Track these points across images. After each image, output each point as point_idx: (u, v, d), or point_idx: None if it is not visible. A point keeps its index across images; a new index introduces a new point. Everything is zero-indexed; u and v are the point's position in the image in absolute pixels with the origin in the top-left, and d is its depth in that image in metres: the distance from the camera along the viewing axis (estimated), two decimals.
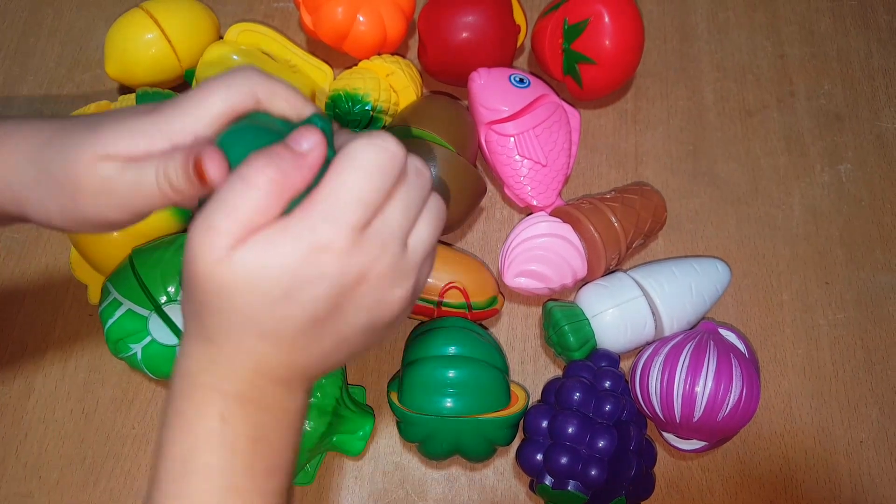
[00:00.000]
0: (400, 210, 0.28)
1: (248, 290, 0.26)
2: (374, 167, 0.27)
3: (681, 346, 0.51)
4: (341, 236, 0.26)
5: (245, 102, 0.28)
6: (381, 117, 0.57)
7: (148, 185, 0.28)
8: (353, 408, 0.52)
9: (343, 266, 0.26)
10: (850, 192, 0.63)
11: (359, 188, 0.26)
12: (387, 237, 0.27)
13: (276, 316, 0.27)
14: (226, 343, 0.27)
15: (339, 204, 0.26)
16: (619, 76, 0.60)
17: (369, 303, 0.28)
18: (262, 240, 0.26)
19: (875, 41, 0.69)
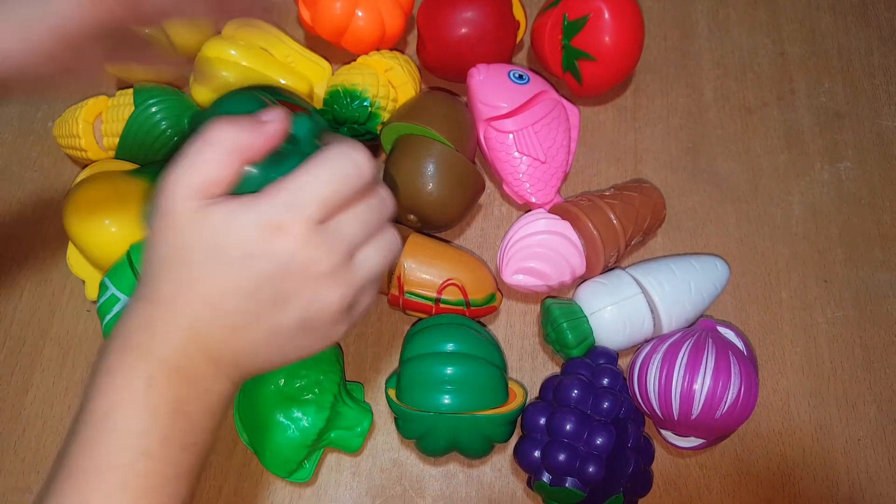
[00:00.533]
0: (354, 222, 0.30)
1: (208, 248, 0.28)
2: (341, 172, 0.29)
3: (679, 343, 0.51)
4: (298, 224, 0.29)
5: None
6: (380, 113, 0.57)
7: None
8: (352, 404, 0.52)
9: (293, 252, 0.29)
10: (849, 191, 0.63)
11: (323, 186, 0.29)
12: (336, 241, 0.30)
13: (222, 282, 0.29)
14: (171, 304, 0.29)
15: (302, 194, 0.29)
16: (619, 73, 0.60)
17: (306, 298, 0.30)
18: (232, 206, 0.28)
19: (876, 39, 0.69)
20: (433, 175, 0.54)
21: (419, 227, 0.57)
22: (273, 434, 0.49)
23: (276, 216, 0.28)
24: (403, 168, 0.54)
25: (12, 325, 0.57)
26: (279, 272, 0.29)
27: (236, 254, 0.29)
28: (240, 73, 0.58)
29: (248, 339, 0.30)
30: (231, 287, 0.29)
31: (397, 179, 0.55)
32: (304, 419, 0.49)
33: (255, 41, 0.60)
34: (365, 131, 0.57)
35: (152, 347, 0.29)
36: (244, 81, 0.58)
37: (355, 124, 0.57)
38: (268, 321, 0.30)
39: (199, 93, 0.59)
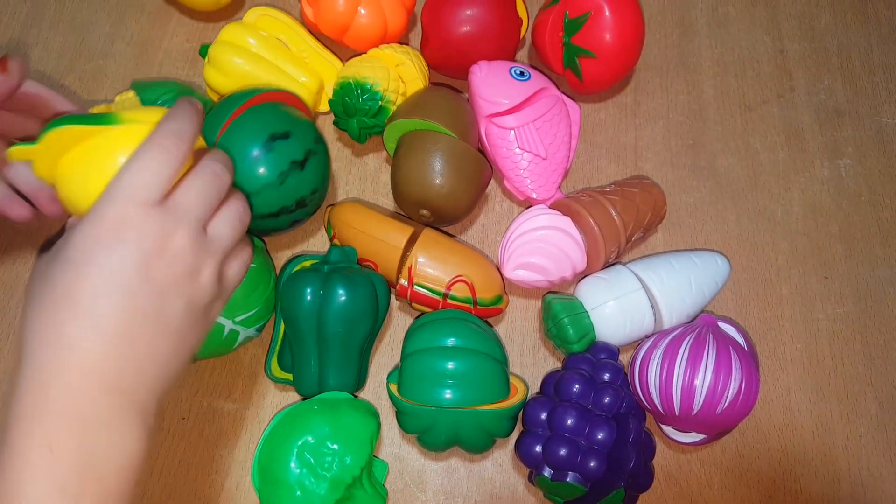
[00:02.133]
0: (191, 195, 0.31)
1: (63, 262, 0.29)
2: (156, 157, 0.30)
3: (680, 338, 0.51)
4: (131, 210, 0.29)
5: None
6: (389, 107, 0.57)
7: None
8: (368, 488, 0.50)
9: (139, 234, 0.29)
10: (849, 188, 0.63)
11: (137, 170, 0.30)
12: (180, 214, 0.30)
13: (88, 289, 0.28)
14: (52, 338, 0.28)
15: (124, 185, 0.30)
16: (619, 70, 0.60)
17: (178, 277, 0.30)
18: (77, 222, 0.30)
19: (875, 36, 0.69)
20: (442, 167, 0.54)
21: (432, 221, 0.57)
22: (281, 490, 0.47)
23: (108, 212, 0.29)
24: (412, 164, 0.54)
25: (15, 319, 0.57)
26: (138, 257, 0.29)
27: (85, 256, 0.28)
28: (253, 62, 0.59)
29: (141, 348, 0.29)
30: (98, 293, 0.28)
31: (407, 176, 0.55)
32: (315, 491, 0.47)
33: (274, 32, 0.61)
34: (374, 125, 0.57)
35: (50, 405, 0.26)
36: (256, 69, 0.58)
37: (364, 117, 0.57)
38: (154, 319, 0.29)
39: (211, 76, 0.59)
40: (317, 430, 0.48)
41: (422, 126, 0.55)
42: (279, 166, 0.51)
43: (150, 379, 0.30)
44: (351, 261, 0.54)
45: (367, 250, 0.55)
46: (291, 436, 0.48)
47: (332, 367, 0.52)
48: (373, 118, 0.57)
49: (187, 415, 0.54)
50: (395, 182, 0.56)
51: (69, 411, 0.27)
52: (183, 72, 0.65)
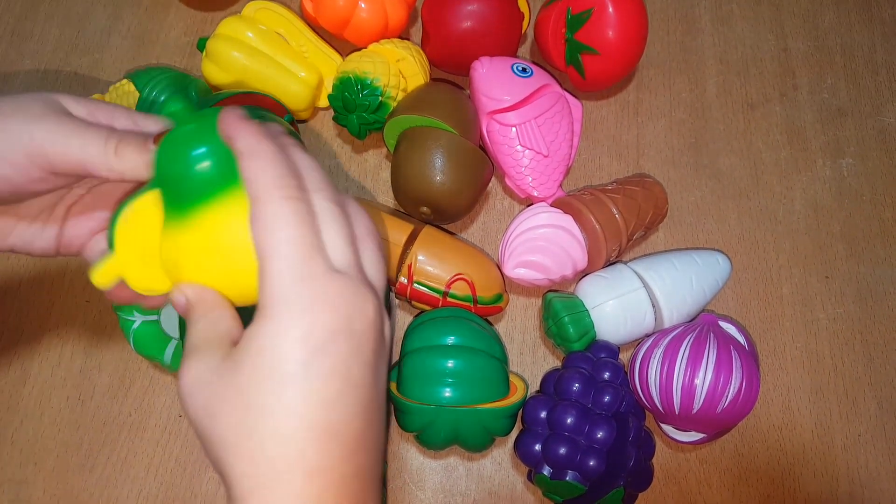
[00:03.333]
0: (368, 257, 0.28)
1: (267, 374, 0.24)
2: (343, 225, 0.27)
3: (681, 337, 0.51)
4: (320, 284, 0.25)
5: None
6: (390, 103, 0.57)
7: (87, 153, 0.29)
8: None
9: (352, 308, 0.26)
10: (851, 187, 0.63)
11: (342, 236, 0.27)
12: (365, 279, 0.27)
13: (307, 389, 0.24)
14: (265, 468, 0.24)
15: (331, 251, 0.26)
16: (622, 67, 0.59)
17: (377, 344, 0.27)
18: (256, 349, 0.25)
19: (879, 35, 0.69)
20: (443, 164, 0.53)
21: (432, 219, 0.57)
22: None
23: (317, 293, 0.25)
24: (412, 160, 0.54)
25: (10, 315, 0.56)
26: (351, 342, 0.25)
27: (295, 366, 0.24)
28: (252, 56, 0.58)
29: (371, 438, 0.26)
30: (319, 390, 0.24)
31: (407, 173, 0.54)
32: None
33: (274, 26, 0.60)
34: (374, 120, 0.57)
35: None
36: (254, 64, 0.58)
37: (364, 113, 0.56)
38: (375, 401, 0.27)
39: (209, 70, 0.59)
40: None
41: (423, 122, 0.55)
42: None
43: (376, 456, 0.27)
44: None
45: None
46: None
47: None
48: (373, 114, 0.57)
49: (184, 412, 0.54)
50: (395, 179, 0.56)
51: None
52: (180, 65, 0.65)
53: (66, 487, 0.52)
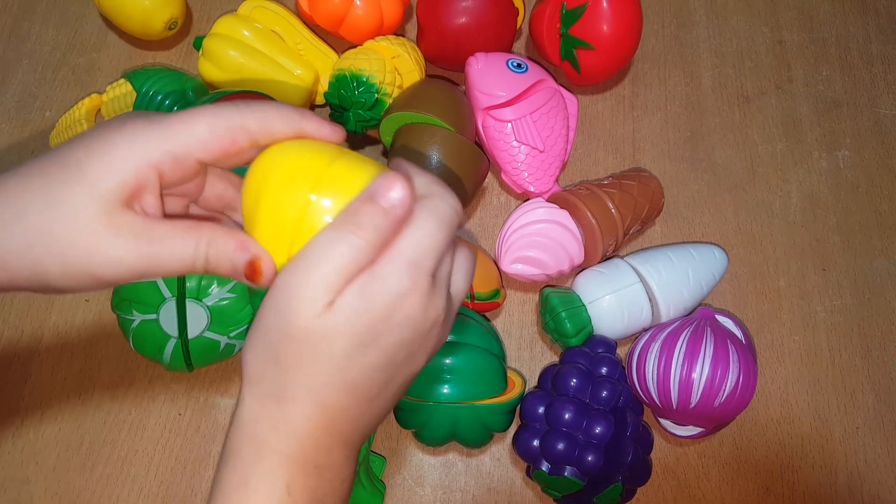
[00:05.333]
0: (448, 261, 0.29)
1: (345, 337, 0.26)
2: (447, 222, 0.28)
3: (678, 332, 0.51)
4: (424, 282, 0.27)
5: (231, 133, 0.28)
6: (385, 100, 0.57)
7: (178, 255, 0.27)
8: (366, 483, 0.50)
9: (424, 310, 0.27)
10: (847, 179, 0.63)
11: (437, 239, 0.27)
12: (445, 284, 0.29)
13: (360, 364, 0.27)
14: (303, 400, 0.27)
15: (421, 251, 0.27)
16: (617, 61, 0.60)
17: (430, 347, 0.29)
18: (358, 288, 0.26)
19: (874, 27, 0.69)
20: (439, 161, 0.53)
21: None
22: None
23: (403, 282, 0.27)
24: (408, 157, 0.54)
25: (10, 314, 0.57)
26: (416, 335, 0.28)
27: (376, 331, 0.27)
28: (248, 54, 0.58)
29: (379, 405, 0.29)
30: (369, 368, 0.28)
31: None
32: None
33: (269, 24, 0.61)
34: (370, 117, 0.57)
35: (287, 450, 0.28)
36: (251, 62, 0.58)
37: (360, 110, 0.56)
38: (398, 381, 0.29)
39: (206, 69, 0.59)
40: None
41: (418, 119, 0.55)
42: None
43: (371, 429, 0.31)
44: None
45: None
46: None
47: None
48: (369, 111, 0.57)
49: (184, 410, 0.54)
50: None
51: (309, 460, 0.28)
52: (177, 64, 0.65)
53: (66, 486, 0.52)
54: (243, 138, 0.28)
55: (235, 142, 0.28)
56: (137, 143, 0.26)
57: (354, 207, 0.26)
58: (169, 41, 0.65)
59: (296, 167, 0.28)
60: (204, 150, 0.27)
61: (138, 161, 0.26)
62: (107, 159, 0.26)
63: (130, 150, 0.26)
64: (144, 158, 0.26)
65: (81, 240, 0.26)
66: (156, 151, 0.26)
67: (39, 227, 0.26)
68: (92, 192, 0.26)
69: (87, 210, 0.26)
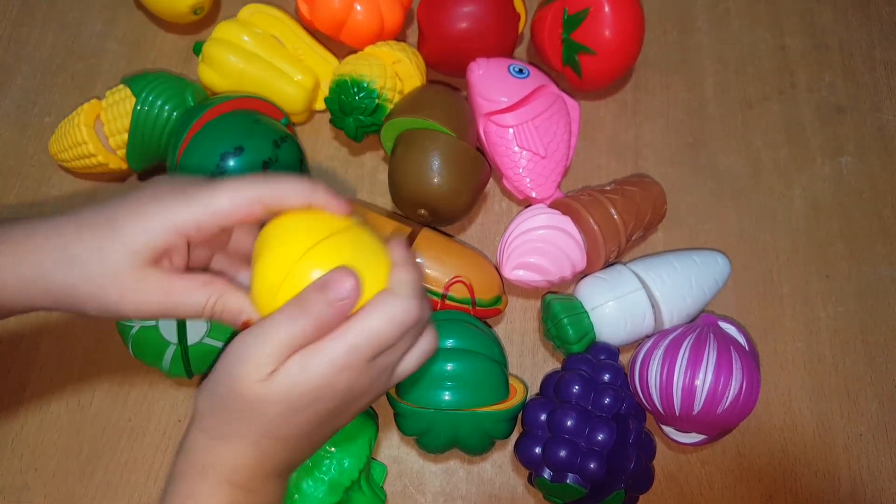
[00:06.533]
0: (400, 350, 0.33)
1: (281, 403, 0.31)
2: (398, 322, 0.31)
3: (680, 339, 0.51)
4: (360, 364, 0.31)
5: (250, 205, 0.32)
6: (386, 105, 0.57)
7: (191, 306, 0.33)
8: (367, 491, 0.49)
9: (352, 385, 0.32)
10: (850, 185, 0.63)
11: (382, 334, 0.31)
12: (385, 367, 0.33)
13: (293, 422, 0.32)
14: (240, 443, 0.32)
15: (365, 340, 0.31)
16: (619, 67, 0.59)
17: (355, 409, 0.34)
18: (298, 361, 0.30)
19: (877, 33, 0.69)
20: (440, 167, 0.53)
21: (430, 221, 0.57)
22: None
23: (339, 362, 0.31)
24: (410, 163, 0.54)
25: (9, 321, 0.56)
26: (342, 403, 0.32)
27: (308, 400, 0.31)
28: (248, 60, 0.58)
29: (308, 450, 0.35)
30: (300, 424, 0.32)
31: (404, 175, 0.54)
32: (313, 495, 0.47)
33: (269, 29, 0.60)
34: (370, 123, 0.57)
35: (228, 477, 0.32)
36: (251, 67, 0.58)
37: (361, 115, 0.56)
38: (325, 434, 0.34)
39: (206, 74, 0.59)
40: None
41: (419, 125, 0.55)
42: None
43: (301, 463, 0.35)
44: None
45: None
46: None
47: None
48: (369, 116, 0.56)
49: (183, 417, 0.54)
50: (392, 181, 0.56)
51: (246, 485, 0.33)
52: (177, 70, 0.65)
53: (66, 493, 0.52)
54: (259, 209, 0.33)
55: (252, 213, 0.33)
56: (168, 213, 0.32)
57: (306, 293, 0.31)
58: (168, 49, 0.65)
59: (290, 238, 0.32)
60: (225, 219, 0.32)
61: (168, 227, 0.32)
62: (142, 225, 0.32)
63: (162, 217, 0.32)
64: (174, 226, 0.32)
65: (116, 289, 0.32)
66: (183, 221, 0.32)
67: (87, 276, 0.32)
68: (128, 251, 0.32)
69: (123, 265, 0.32)
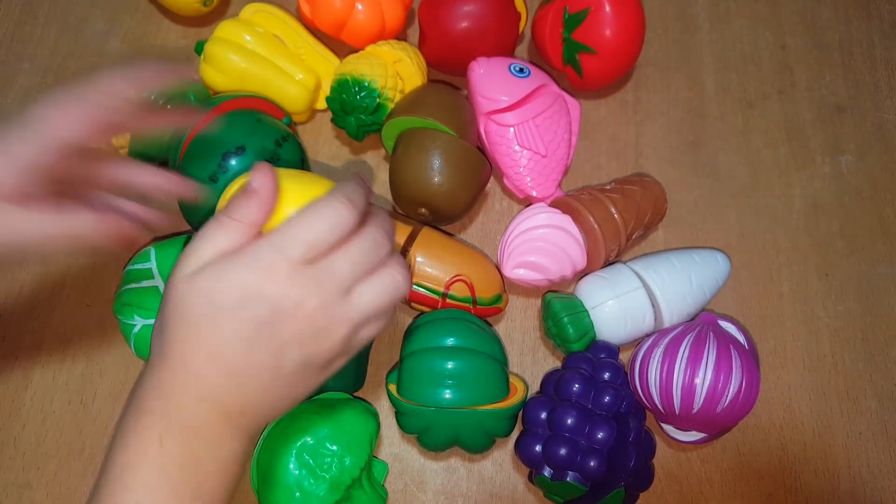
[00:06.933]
0: (344, 261, 0.32)
1: (202, 303, 0.30)
2: (324, 218, 0.31)
3: (680, 337, 0.51)
4: (283, 263, 0.30)
5: (105, 115, 0.33)
6: (387, 105, 0.57)
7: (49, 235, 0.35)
8: (367, 489, 0.50)
9: (282, 292, 0.30)
10: (850, 184, 0.63)
11: (311, 229, 0.31)
12: (325, 279, 0.31)
13: (221, 333, 0.30)
14: (178, 364, 0.31)
15: (287, 238, 0.31)
16: (620, 66, 0.59)
17: (304, 336, 0.31)
18: (222, 261, 0.30)
19: (877, 32, 0.69)
20: (441, 166, 0.53)
21: (431, 220, 0.57)
22: (280, 491, 0.47)
23: (262, 259, 0.30)
24: (410, 162, 0.54)
25: (12, 319, 0.57)
26: (272, 314, 0.30)
27: (230, 302, 0.30)
28: (250, 59, 0.58)
29: (254, 387, 0.32)
30: (230, 337, 0.30)
31: (405, 174, 0.54)
32: (314, 492, 0.47)
33: (271, 28, 0.61)
34: (372, 122, 0.57)
35: (166, 410, 0.31)
36: (252, 66, 0.58)
37: (362, 114, 0.56)
38: (271, 367, 0.32)
39: (207, 73, 0.59)
40: (316, 430, 0.48)
41: (420, 124, 0.55)
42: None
43: (256, 412, 0.33)
44: None
45: None
46: (290, 437, 0.48)
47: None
48: (370, 115, 0.57)
49: None
50: (393, 180, 0.56)
51: (183, 420, 0.31)
52: None
53: (68, 491, 0.52)
54: (98, 130, 0.35)
55: (91, 135, 0.35)
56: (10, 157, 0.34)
57: (231, 199, 0.31)
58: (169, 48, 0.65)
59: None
60: (65, 150, 0.35)
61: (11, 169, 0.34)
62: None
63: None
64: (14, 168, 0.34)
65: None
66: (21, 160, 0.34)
67: None
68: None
69: None
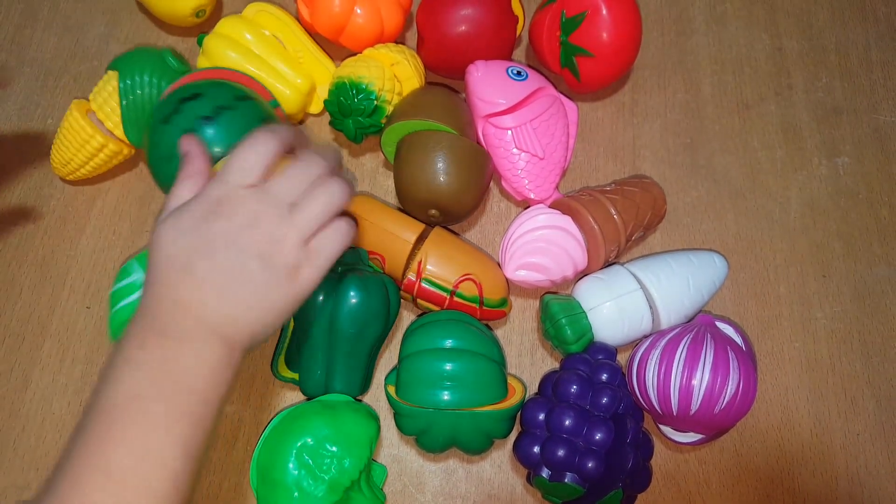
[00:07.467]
0: (283, 180, 0.38)
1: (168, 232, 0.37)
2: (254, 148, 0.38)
3: (678, 339, 0.51)
4: (230, 190, 0.37)
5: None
6: (385, 107, 0.57)
7: None
8: (366, 492, 0.50)
9: (233, 209, 0.37)
10: (847, 186, 0.63)
11: (241, 160, 0.38)
12: (267, 195, 0.38)
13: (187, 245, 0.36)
14: (156, 283, 0.37)
15: (227, 171, 0.38)
16: (617, 69, 0.60)
17: (258, 238, 0.37)
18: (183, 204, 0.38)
19: (874, 34, 0.69)
20: (447, 165, 0.53)
21: (441, 220, 0.57)
22: (279, 491, 0.47)
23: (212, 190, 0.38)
24: (415, 165, 0.54)
25: (11, 321, 0.57)
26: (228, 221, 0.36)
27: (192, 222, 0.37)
28: (247, 57, 0.59)
29: (227, 290, 0.36)
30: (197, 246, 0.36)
31: (412, 178, 0.55)
32: (313, 493, 0.47)
33: (272, 29, 0.61)
34: (370, 124, 0.57)
35: (146, 323, 0.36)
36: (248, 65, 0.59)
37: (360, 117, 0.57)
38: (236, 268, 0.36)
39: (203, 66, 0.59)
40: (316, 431, 0.48)
41: (421, 126, 0.55)
42: (185, 124, 0.52)
43: (233, 318, 0.37)
44: (363, 262, 0.54)
45: (377, 243, 0.55)
46: (291, 437, 0.48)
47: (340, 369, 0.52)
48: (368, 118, 0.57)
49: None
50: (399, 185, 0.56)
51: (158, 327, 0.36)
52: None
53: None
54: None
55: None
56: None
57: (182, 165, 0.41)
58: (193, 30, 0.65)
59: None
60: None
61: None
62: None
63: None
64: None
65: None
66: None
67: None
68: None
69: None
